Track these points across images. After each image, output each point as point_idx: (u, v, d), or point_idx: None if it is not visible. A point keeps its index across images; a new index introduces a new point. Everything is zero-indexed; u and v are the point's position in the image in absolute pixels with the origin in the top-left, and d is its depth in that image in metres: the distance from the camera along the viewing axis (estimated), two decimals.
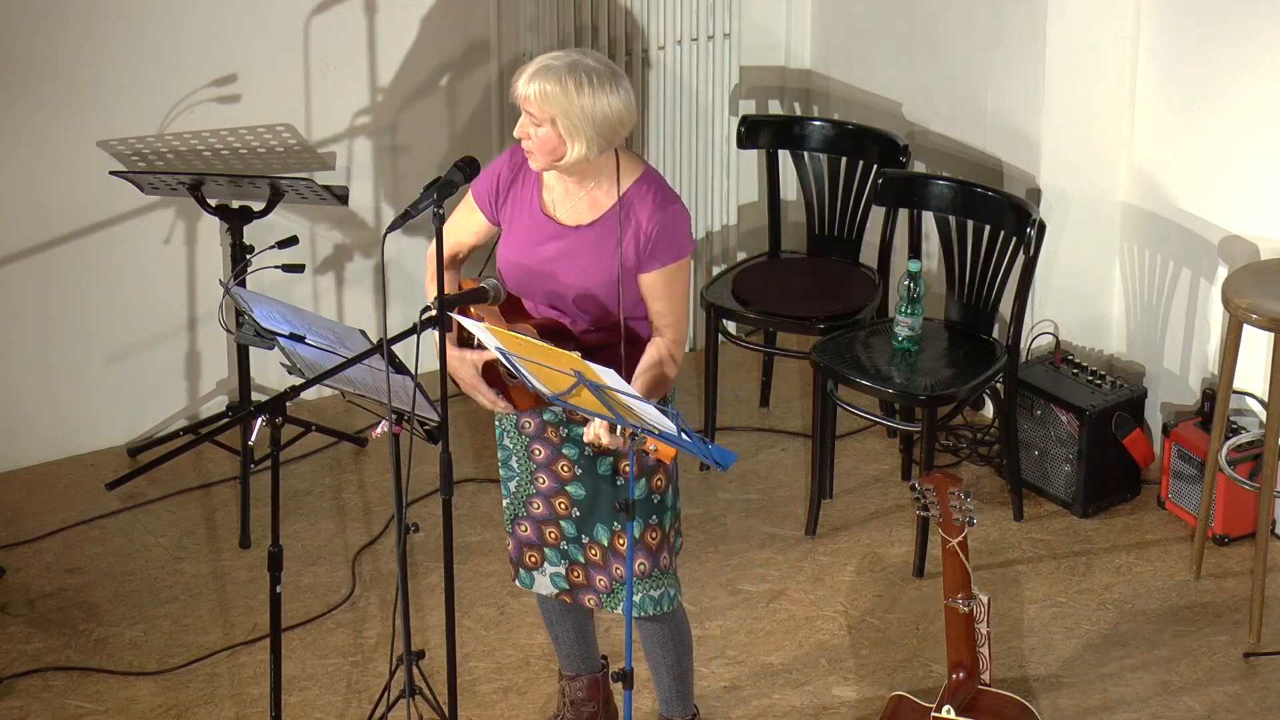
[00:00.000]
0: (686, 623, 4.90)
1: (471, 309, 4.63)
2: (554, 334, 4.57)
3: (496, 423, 4.80)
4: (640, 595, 4.74)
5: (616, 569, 4.73)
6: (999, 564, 5.85)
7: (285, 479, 6.20)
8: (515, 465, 4.78)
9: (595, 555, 4.74)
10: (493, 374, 4.65)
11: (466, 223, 4.73)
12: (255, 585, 5.76)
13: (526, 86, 4.42)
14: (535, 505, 4.77)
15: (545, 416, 4.70)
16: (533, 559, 4.82)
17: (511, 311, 4.65)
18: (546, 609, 5.00)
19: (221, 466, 6.31)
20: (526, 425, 4.73)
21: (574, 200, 4.57)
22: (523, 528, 4.80)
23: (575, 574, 4.79)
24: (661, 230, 4.51)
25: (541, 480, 4.74)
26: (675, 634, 4.87)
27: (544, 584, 4.84)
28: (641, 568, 4.72)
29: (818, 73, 6.98)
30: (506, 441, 4.79)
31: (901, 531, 6.00)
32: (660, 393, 4.56)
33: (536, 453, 4.73)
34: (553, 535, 4.77)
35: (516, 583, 4.88)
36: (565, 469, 4.72)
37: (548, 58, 4.45)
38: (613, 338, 4.60)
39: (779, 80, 7.02)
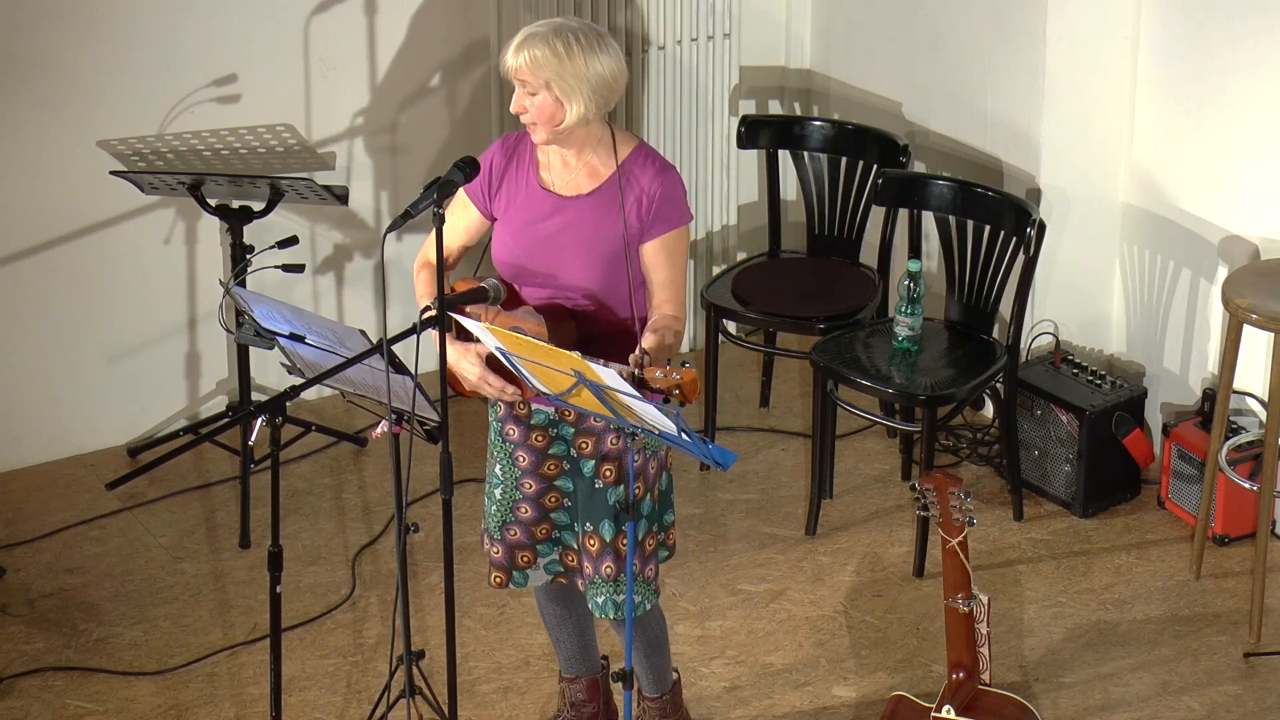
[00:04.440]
0: (659, 621, 4.88)
1: (468, 308, 4.62)
2: (553, 318, 4.53)
3: (490, 430, 4.79)
4: (604, 598, 4.73)
5: (605, 568, 4.71)
6: (999, 564, 5.84)
7: (285, 479, 6.20)
8: (500, 473, 4.77)
9: (593, 545, 4.71)
10: (498, 363, 4.63)
11: (457, 221, 4.70)
12: (255, 585, 5.76)
13: (516, 58, 4.42)
14: (523, 510, 4.75)
15: (533, 421, 4.69)
16: (525, 559, 4.80)
17: (509, 302, 4.62)
18: (547, 614, 4.99)
19: (221, 466, 6.31)
20: (511, 432, 4.73)
21: (572, 172, 4.56)
22: (512, 532, 4.78)
23: (569, 558, 4.78)
24: (664, 194, 4.52)
25: (528, 485, 4.73)
26: (643, 634, 4.86)
27: (539, 576, 4.83)
28: (608, 570, 4.71)
29: (818, 73, 6.98)
30: (495, 451, 4.79)
31: (901, 531, 6.00)
32: (667, 352, 4.49)
33: (521, 459, 4.72)
34: (543, 531, 4.77)
35: (511, 585, 4.82)
36: (553, 467, 4.71)
37: (531, 27, 4.45)
38: (614, 317, 4.57)
39: (779, 80, 7.02)
